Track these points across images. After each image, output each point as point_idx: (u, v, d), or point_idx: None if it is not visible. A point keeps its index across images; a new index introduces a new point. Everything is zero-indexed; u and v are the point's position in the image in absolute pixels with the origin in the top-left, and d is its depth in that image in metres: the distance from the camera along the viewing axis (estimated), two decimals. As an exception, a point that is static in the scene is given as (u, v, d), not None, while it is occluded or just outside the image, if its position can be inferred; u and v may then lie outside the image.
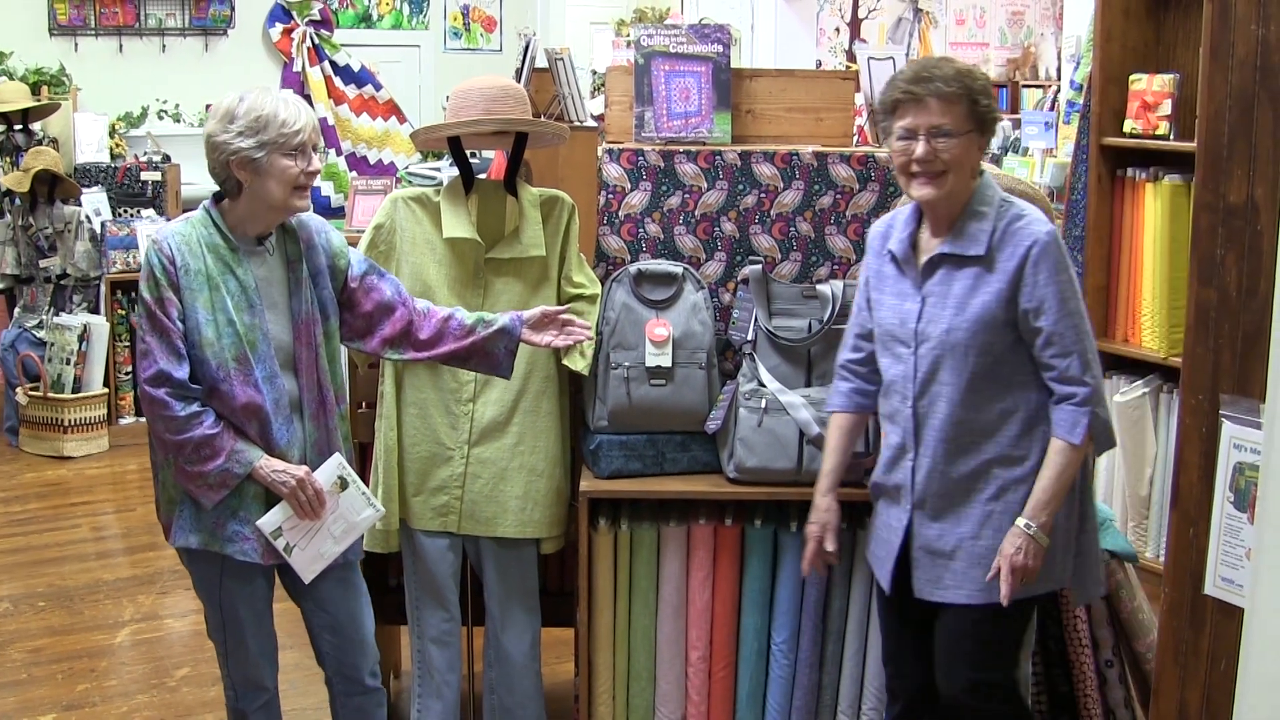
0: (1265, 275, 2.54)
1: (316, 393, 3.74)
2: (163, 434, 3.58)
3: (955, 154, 3.46)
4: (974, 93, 3.47)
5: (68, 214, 8.68)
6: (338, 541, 3.77)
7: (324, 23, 12.07)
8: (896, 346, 3.62)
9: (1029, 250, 3.45)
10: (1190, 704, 2.80)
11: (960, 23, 13.24)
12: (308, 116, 3.65)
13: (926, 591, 3.63)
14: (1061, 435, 3.46)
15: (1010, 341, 3.51)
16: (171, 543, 3.74)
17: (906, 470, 3.62)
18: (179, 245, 3.58)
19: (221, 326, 3.56)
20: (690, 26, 4.63)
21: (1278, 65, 2.53)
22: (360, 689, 3.97)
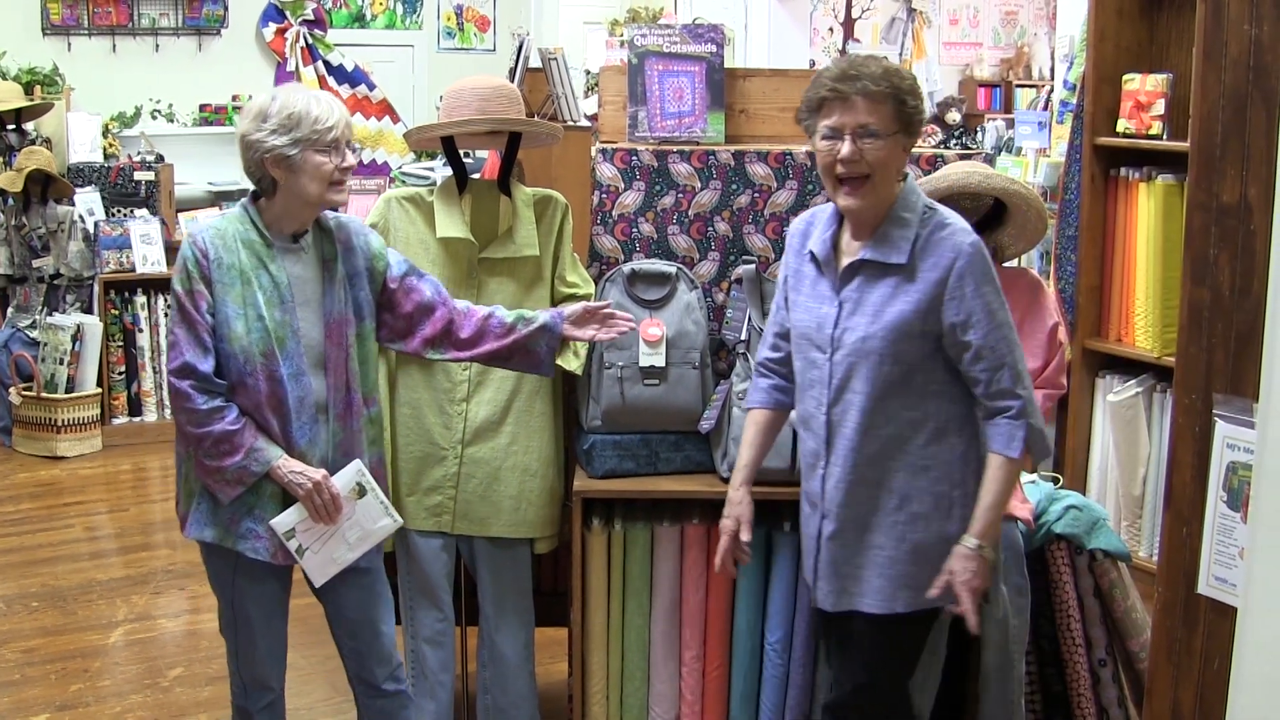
0: (1258, 275, 2.55)
1: (344, 393, 3.74)
2: (184, 426, 3.61)
3: (881, 155, 3.38)
4: (902, 93, 3.38)
5: (61, 214, 8.67)
6: (352, 548, 3.76)
7: (317, 22, 12.05)
8: (812, 351, 3.55)
9: (954, 262, 3.38)
10: (1184, 703, 2.80)
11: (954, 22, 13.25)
12: (340, 113, 3.64)
13: (830, 603, 3.59)
14: (999, 450, 3.40)
15: (926, 352, 3.44)
16: (186, 534, 3.76)
17: (818, 479, 3.57)
18: (213, 239, 3.61)
19: (251, 321, 3.57)
20: (684, 26, 4.63)
21: (1270, 65, 2.53)
22: (379, 693, 3.98)
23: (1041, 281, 4.34)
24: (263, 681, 3.87)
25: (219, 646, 5.55)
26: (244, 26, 11.77)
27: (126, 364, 8.72)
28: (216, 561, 3.76)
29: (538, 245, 4.24)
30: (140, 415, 8.78)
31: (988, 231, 4.24)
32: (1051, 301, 4.31)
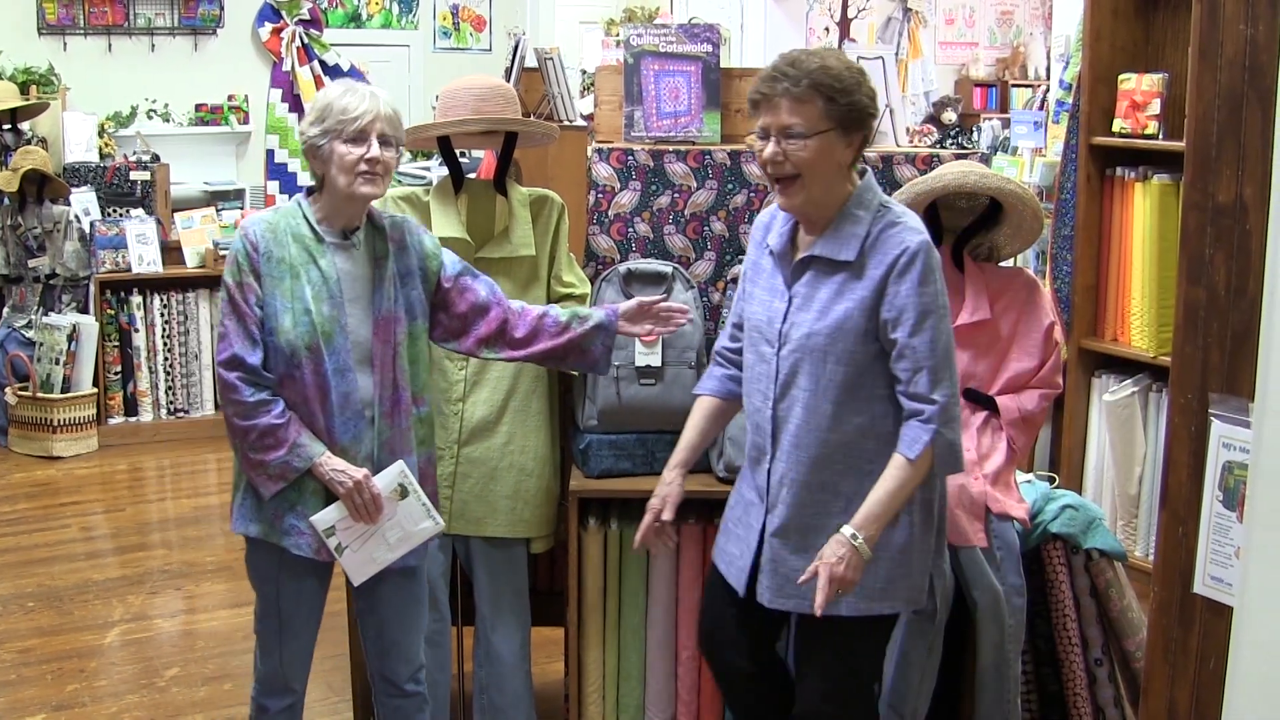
0: (1254, 274, 2.55)
1: (392, 391, 3.73)
2: (231, 418, 3.63)
3: (806, 156, 3.34)
4: (830, 90, 3.31)
5: (56, 213, 8.67)
6: (392, 549, 3.75)
7: (313, 22, 12.06)
8: (761, 344, 3.54)
9: (896, 259, 3.36)
10: (1179, 702, 2.80)
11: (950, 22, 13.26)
12: (373, 105, 3.61)
13: (773, 600, 3.56)
14: (900, 450, 3.37)
15: (874, 352, 3.41)
16: (233, 529, 3.78)
17: (763, 475, 3.56)
18: (264, 233, 3.63)
19: (298, 315, 3.58)
20: (680, 26, 4.63)
21: (1266, 65, 2.53)
22: (400, 693, 3.97)
23: (1037, 281, 4.34)
24: (285, 683, 3.86)
25: (215, 647, 5.57)
26: (240, 26, 11.78)
27: (122, 364, 8.71)
28: (261, 556, 3.76)
29: (534, 245, 4.24)
30: (136, 415, 8.77)
31: (983, 231, 4.24)
32: (1047, 301, 4.31)
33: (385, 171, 3.64)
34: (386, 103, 3.66)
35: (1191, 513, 2.72)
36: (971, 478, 4.06)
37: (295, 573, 3.74)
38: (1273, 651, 2.23)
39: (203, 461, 8.45)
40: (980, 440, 4.16)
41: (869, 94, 3.39)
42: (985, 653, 4.03)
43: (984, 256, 4.30)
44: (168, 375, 8.84)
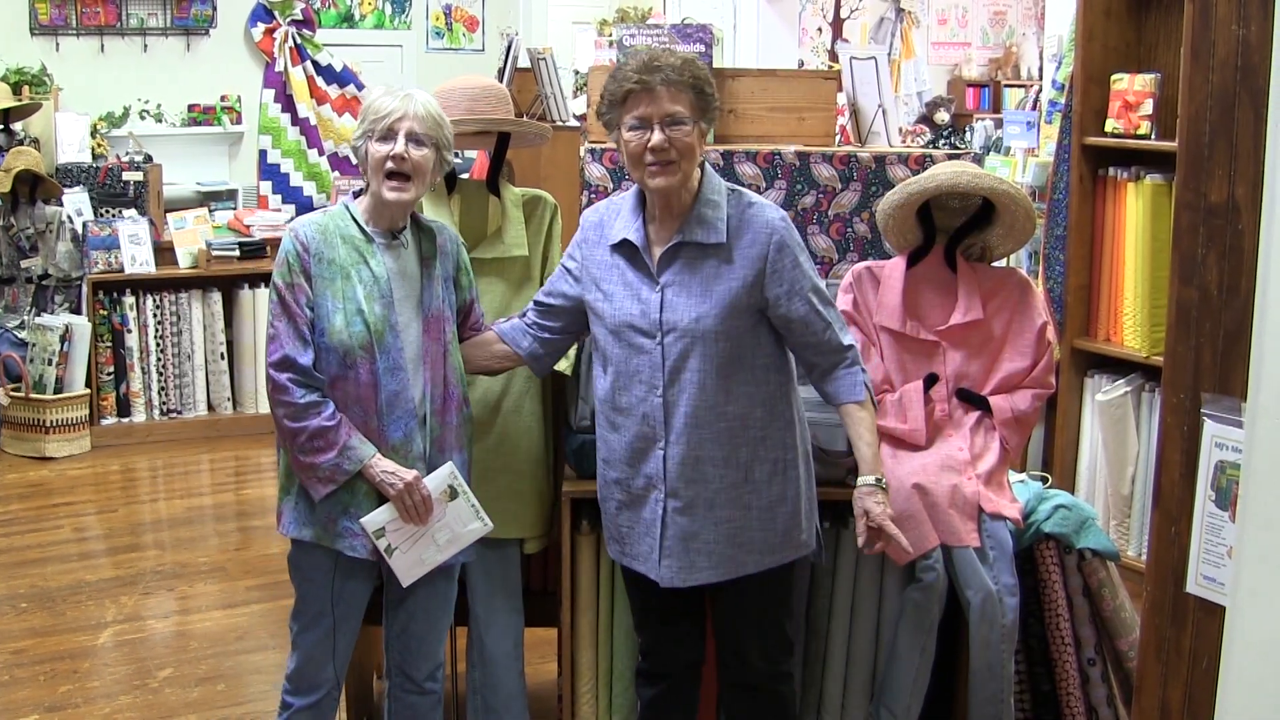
0: (1246, 274, 2.55)
1: (442, 389, 3.76)
2: (281, 420, 3.62)
3: (688, 141, 3.52)
4: (700, 82, 3.56)
5: (49, 214, 8.66)
6: (441, 550, 3.77)
7: (306, 22, 12.04)
8: (637, 337, 3.64)
9: (770, 237, 3.58)
10: (1172, 702, 2.80)
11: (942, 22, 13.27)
12: (404, 104, 3.64)
13: (678, 579, 3.68)
14: (849, 398, 3.68)
15: (750, 325, 3.61)
16: (282, 532, 3.78)
17: (657, 460, 3.66)
18: (314, 234, 3.65)
19: (350, 315, 3.60)
20: (672, 26, 4.64)
21: (1258, 65, 2.53)
22: (416, 689, 3.99)
23: (1030, 281, 4.35)
24: (321, 679, 3.86)
25: (208, 647, 5.57)
26: (232, 26, 11.76)
27: (115, 365, 8.71)
28: (314, 561, 3.76)
29: (527, 245, 4.24)
30: (129, 416, 8.76)
31: (976, 231, 4.25)
32: (1040, 301, 4.31)
33: (415, 172, 3.65)
34: (425, 103, 3.68)
35: (1184, 512, 2.72)
36: (965, 477, 4.07)
37: (348, 575, 3.76)
38: (1265, 651, 2.23)
39: (195, 462, 8.45)
40: (973, 440, 4.17)
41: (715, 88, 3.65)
42: (978, 652, 4.03)
43: (976, 256, 4.30)
44: (160, 376, 8.84)
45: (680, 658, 3.93)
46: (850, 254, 4.57)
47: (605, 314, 3.70)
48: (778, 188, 4.37)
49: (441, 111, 3.74)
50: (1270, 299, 2.22)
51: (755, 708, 3.90)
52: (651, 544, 3.71)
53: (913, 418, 4.16)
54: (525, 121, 4.41)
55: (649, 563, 3.73)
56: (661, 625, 3.90)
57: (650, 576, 3.74)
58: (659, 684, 3.95)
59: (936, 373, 4.21)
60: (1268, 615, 2.23)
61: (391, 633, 3.96)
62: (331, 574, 3.75)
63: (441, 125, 3.70)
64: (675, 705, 3.97)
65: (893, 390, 4.22)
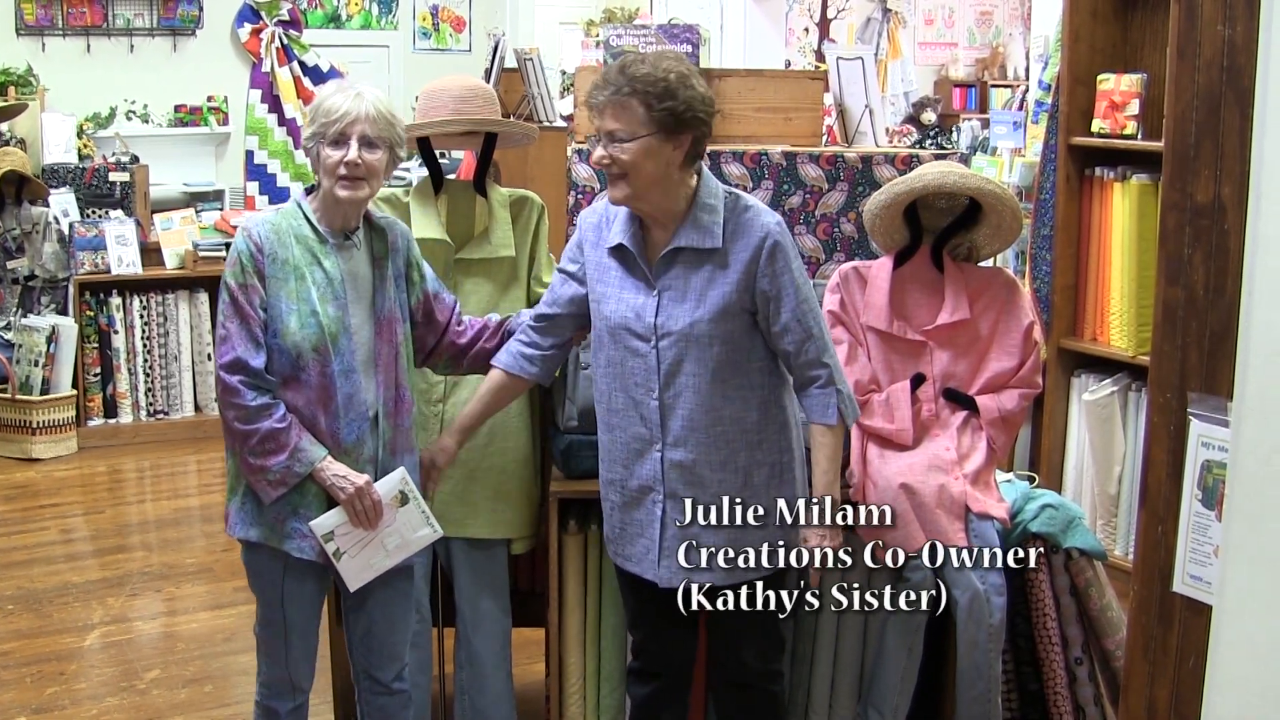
0: (1232, 274, 2.55)
1: (394, 391, 3.73)
2: (231, 422, 3.57)
3: (629, 158, 3.50)
4: (650, 96, 3.48)
5: (35, 215, 8.64)
6: (390, 556, 3.74)
7: (293, 23, 12.04)
8: (632, 340, 3.65)
9: (763, 241, 3.57)
10: (1159, 700, 2.81)
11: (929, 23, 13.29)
12: (355, 106, 3.59)
13: (677, 580, 3.65)
14: (818, 420, 3.65)
15: (745, 328, 3.62)
16: (229, 533, 3.73)
17: (654, 463, 3.67)
18: (268, 234, 3.61)
19: (305, 317, 3.56)
20: (659, 26, 4.64)
21: (1244, 65, 2.54)
22: (384, 690, 3.97)
23: (1016, 281, 4.35)
24: (294, 683, 3.86)
25: (195, 649, 5.56)
26: (219, 27, 11.75)
27: (102, 366, 8.68)
28: (262, 561, 3.73)
29: (514, 246, 4.23)
30: (116, 417, 8.74)
31: (963, 231, 4.25)
32: (1026, 301, 4.32)
33: (369, 174, 3.60)
34: (375, 102, 3.63)
35: (1171, 511, 2.73)
36: (951, 477, 4.07)
37: (298, 576, 3.72)
38: (1251, 649, 2.23)
39: (182, 463, 8.43)
40: (960, 440, 4.17)
41: (692, 99, 3.53)
42: (966, 652, 4.04)
43: (963, 256, 4.31)
44: (147, 377, 8.82)
45: (673, 657, 3.93)
46: (837, 254, 4.57)
47: (602, 314, 3.71)
48: (764, 188, 4.37)
49: (392, 108, 3.71)
50: (1256, 298, 2.23)
51: (747, 706, 3.90)
52: (648, 544, 3.71)
53: (900, 418, 4.17)
54: (512, 122, 4.41)
55: (645, 563, 3.73)
56: (657, 625, 3.89)
57: (647, 577, 3.74)
58: (651, 683, 3.95)
59: (923, 373, 4.22)
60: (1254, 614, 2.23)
61: (354, 637, 3.93)
62: (281, 575, 3.72)
63: (393, 124, 3.66)
64: (667, 704, 3.97)
65: (879, 390, 4.22)
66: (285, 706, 3.88)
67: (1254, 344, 2.23)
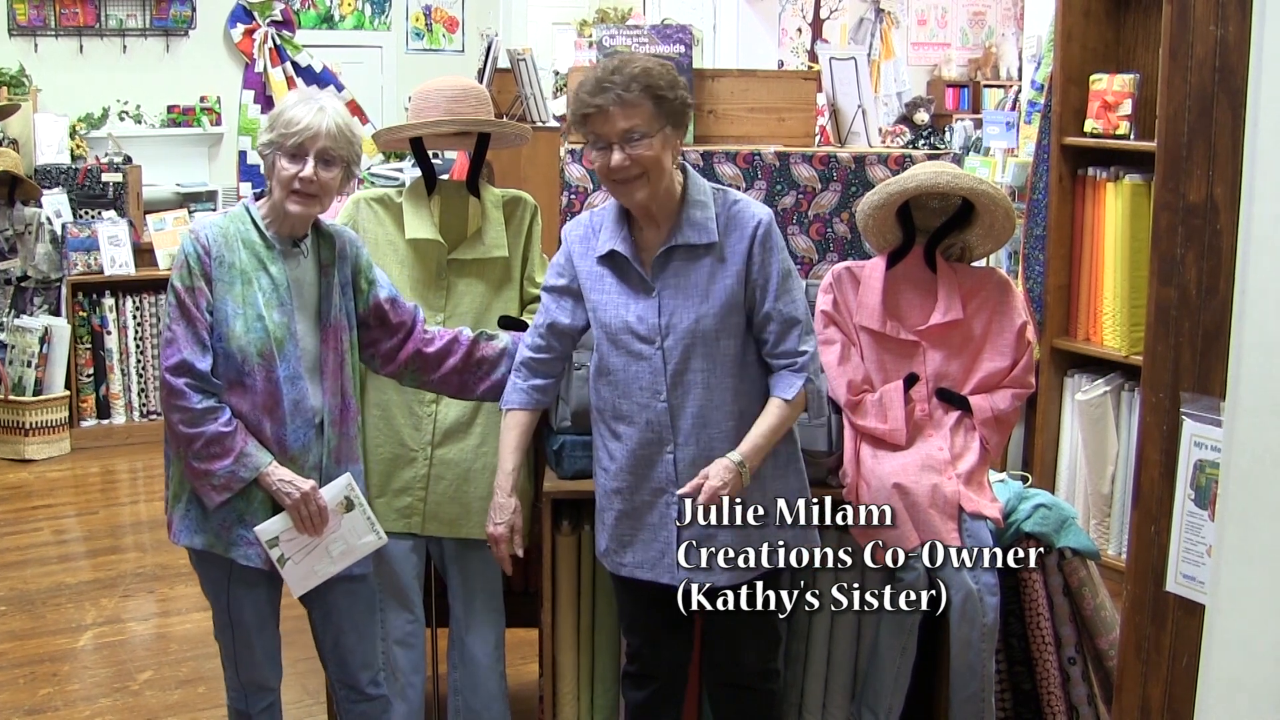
0: (1225, 274, 2.56)
1: (339, 399, 3.73)
2: (176, 425, 3.55)
3: (649, 155, 3.51)
4: (657, 89, 3.51)
5: (28, 215, 8.63)
6: (334, 562, 3.74)
7: (285, 23, 12.02)
8: (635, 344, 3.64)
9: (755, 231, 3.61)
10: (1152, 700, 2.81)
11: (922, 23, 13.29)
12: (317, 120, 3.57)
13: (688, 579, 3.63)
14: (777, 393, 3.65)
15: (744, 321, 3.66)
16: (174, 540, 3.72)
17: (668, 464, 3.66)
18: (215, 237, 3.59)
19: (250, 321, 3.55)
20: (652, 27, 4.63)
21: (1236, 65, 2.54)
22: (362, 697, 3.97)
23: (1009, 281, 4.36)
24: (261, 683, 3.86)
25: (188, 649, 5.56)
26: (212, 27, 11.73)
27: (95, 366, 8.68)
28: (209, 568, 3.73)
29: (506, 246, 4.23)
30: (109, 418, 8.74)
31: (956, 231, 4.25)
32: (1019, 301, 4.32)
33: (322, 191, 3.60)
34: (335, 118, 3.61)
35: (1164, 511, 2.73)
36: (945, 477, 4.07)
37: (247, 583, 3.71)
38: (1244, 649, 2.24)
39: (176, 464, 8.41)
40: (953, 440, 4.17)
41: (685, 89, 3.61)
42: (959, 652, 4.04)
43: (956, 256, 4.31)
44: (140, 378, 8.81)
45: (670, 659, 3.93)
46: (830, 254, 4.57)
47: (602, 322, 3.70)
48: (757, 188, 4.37)
49: (352, 124, 3.69)
50: (1248, 298, 2.23)
51: (745, 706, 3.90)
52: (663, 548, 3.70)
53: (893, 418, 4.17)
54: (505, 122, 4.41)
55: (660, 568, 3.72)
56: (657, 630, 3.88)
57: (663, 582, 3.71)
58: (648, 686, 3.95)
59: (916, 372, 4.22)
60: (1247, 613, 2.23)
61: (325, 648, 3.94)
62: (227, 582, 3.71)
63: (352, 142, 3.65)
64: (664, 708, 3.97)
65: (873, 390, 4.22)
66: (255, 706, 3.89)
67: (1247, 344, 2.24)
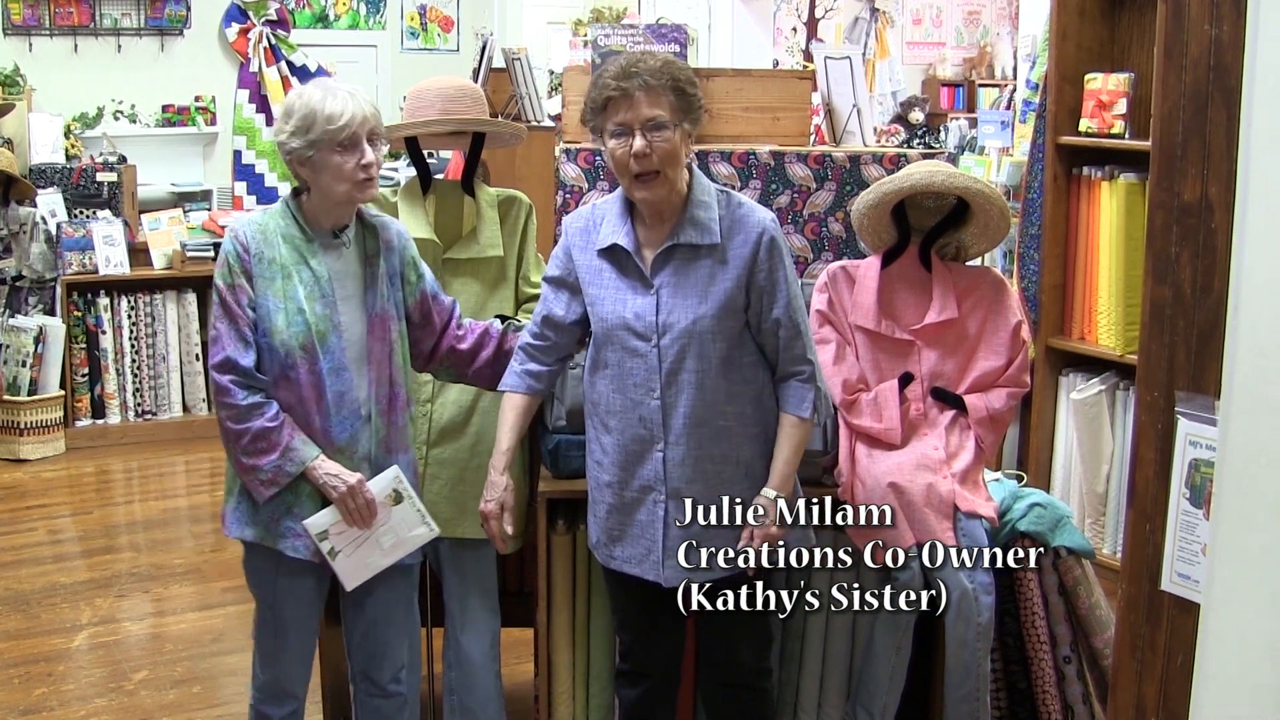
0: (1219, 273, 2.56)
1: (388, 389, 3.74)
2: (224, 421, 3.59)
3: (668, 147, 3.52)
4: (680, 83, 3.53)
5: (23, 215, 8.61)
6: (386, 554, 3.76)
7: (280, 23, 12.02)
8: (631, 340, 3.64)
9: (761, 236, 3.61)
10: (1147, 698, 2.81)
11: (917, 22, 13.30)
12: (357, 108, 3.57)
13: (678, 580, 3.63)
14: (793, 411, 3.66)
15: (742, 324, 3.65)
16: (226, 533, 3.76)
17: (656, 462, 3.66)
18: (255, 234, 3.62)
19: (292, 315, 3.57)
20: (647, 26, 4.64)
21: (1230, 64, 2.54)
22: (380, 693, 3.98)
23: (1004, 280, 4.36)
24: (287, 689, 3.86)
25: (184, 649, 5.56)
26: (207, 27, 11.73)
27: (90, 366, 8.68)
28: (258, 561, 3.75)
29: (502, 245, 4.23)
30: (104, 418, 8.73)
31: (950, 230, 4.25)
32: (1014, 300, 4.32)
33: (377, 170, 3.65)
34: (365, 99, 3.63)
35: (1158, 510, 2.73)
36: (940, 476, 4.07)
37: (293, 576, 3.73)
38: (1239, 648, 2.24)
39: (170, 464, 8.42)
40: (948, 439, 4.17)
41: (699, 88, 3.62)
42: (954, 651, 4.04)
43: (951, 256, 4.31)
44: (135, 377, 8.81)
45: (662, 657, 3.93)
46: (825, 253, 4.57)
47: (599, 317, 3.70)
48: (752, 188, 4.37)
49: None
50: (1243, 297, 2.24)
51: (740, 705, 3.90)
52: (650, 545, 3.70)
53: (888, 417, 4.17)
54: (500, 121, 4.41)
55: (646, 564, 3.72)
56: (648, 626, 3.89)
57: (649, 578, 3.72)
58: (641, 684, 3.95)
59: (912, 372, 4.22)
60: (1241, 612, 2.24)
61: (353, 637, 3.94)
62: (275, 574, 3.73)
63: (379, 114, 3.68)
64: (657, 706, 3.97)
65: (868, 389, 4.22)
66: (278, 712, 3.87)
67: (1241, 342, 2.24)
